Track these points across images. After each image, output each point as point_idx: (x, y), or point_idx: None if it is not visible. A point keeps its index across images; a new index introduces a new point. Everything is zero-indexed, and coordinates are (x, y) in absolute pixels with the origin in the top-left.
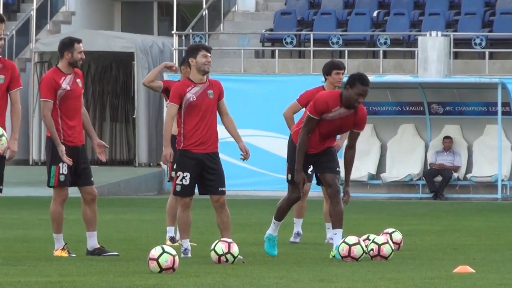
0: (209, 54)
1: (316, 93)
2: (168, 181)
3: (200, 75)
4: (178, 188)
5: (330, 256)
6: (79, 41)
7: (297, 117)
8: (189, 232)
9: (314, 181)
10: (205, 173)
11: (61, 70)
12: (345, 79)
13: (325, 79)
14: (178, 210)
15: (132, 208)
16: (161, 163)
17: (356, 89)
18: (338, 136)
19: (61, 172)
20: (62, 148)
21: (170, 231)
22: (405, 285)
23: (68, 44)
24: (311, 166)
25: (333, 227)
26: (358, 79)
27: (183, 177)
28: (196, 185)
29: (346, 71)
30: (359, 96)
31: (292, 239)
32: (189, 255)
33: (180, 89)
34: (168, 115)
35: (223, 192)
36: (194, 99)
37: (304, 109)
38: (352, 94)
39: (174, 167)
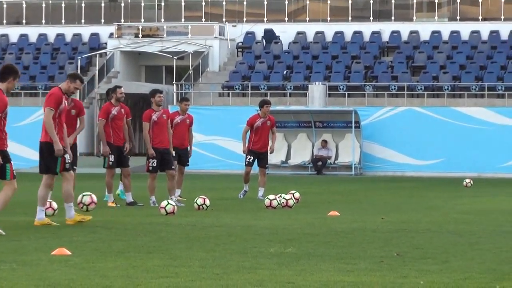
0: (161, 95)
1: (254, 118)
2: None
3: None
4: (151, 168)
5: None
6: (119, 87)
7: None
8: (155, 192)
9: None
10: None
11: (112, 103)
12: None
13: (260, 109)
14: (149, 179)
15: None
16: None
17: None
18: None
19: (111, 159)
20: (106, 149)
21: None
22: (301, 222)
23: (113, 89)
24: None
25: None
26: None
27: (152, 162)
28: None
29: (272, 104)
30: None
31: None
32: (156, 204)
33: (148, 114)
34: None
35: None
36: (156, 120)
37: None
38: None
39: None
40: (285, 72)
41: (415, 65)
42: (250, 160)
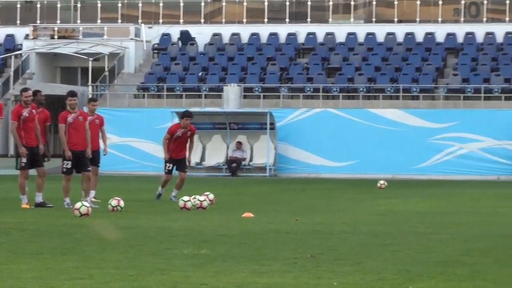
0: (73, 98)
1: (175, 127)
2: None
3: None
4: (65, 170)
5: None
6: (25, 90)
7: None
8: (69, 193)
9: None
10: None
11: (22, 105)
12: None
13: (180, 120)
14: (63, 181)
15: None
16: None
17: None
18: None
19: (23, 161)
20: (23, 150)
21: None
22: (215, 223)
23: (21, 92)
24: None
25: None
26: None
27: (67, 164)
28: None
29: (191, 116)
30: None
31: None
32: (71, 206)
33: (63, 116)
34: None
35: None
36: (71, 121)
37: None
38: None
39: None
40: (200, 74)
41: (330, 67)
42: (170, 168)
